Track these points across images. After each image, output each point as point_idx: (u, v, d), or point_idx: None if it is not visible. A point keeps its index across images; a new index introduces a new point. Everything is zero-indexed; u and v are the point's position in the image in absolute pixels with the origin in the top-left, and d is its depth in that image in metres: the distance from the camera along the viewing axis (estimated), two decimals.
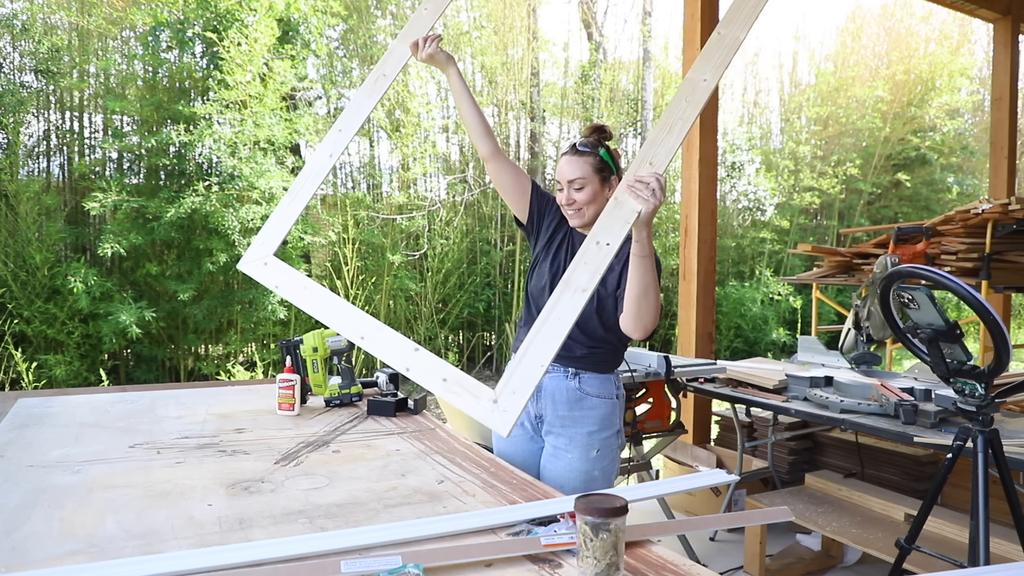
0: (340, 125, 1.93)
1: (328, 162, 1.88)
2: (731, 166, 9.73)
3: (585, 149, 1.82)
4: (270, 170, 6.02)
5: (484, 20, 8.55)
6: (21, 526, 1.26)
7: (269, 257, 1.72)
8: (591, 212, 1.81)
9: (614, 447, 1.87)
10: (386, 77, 1.95)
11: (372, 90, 1.95)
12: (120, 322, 5.46)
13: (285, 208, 1.83)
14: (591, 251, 1.51)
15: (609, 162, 1.84)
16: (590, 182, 1.81)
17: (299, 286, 1.71)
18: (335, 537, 1.22)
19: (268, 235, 1.81)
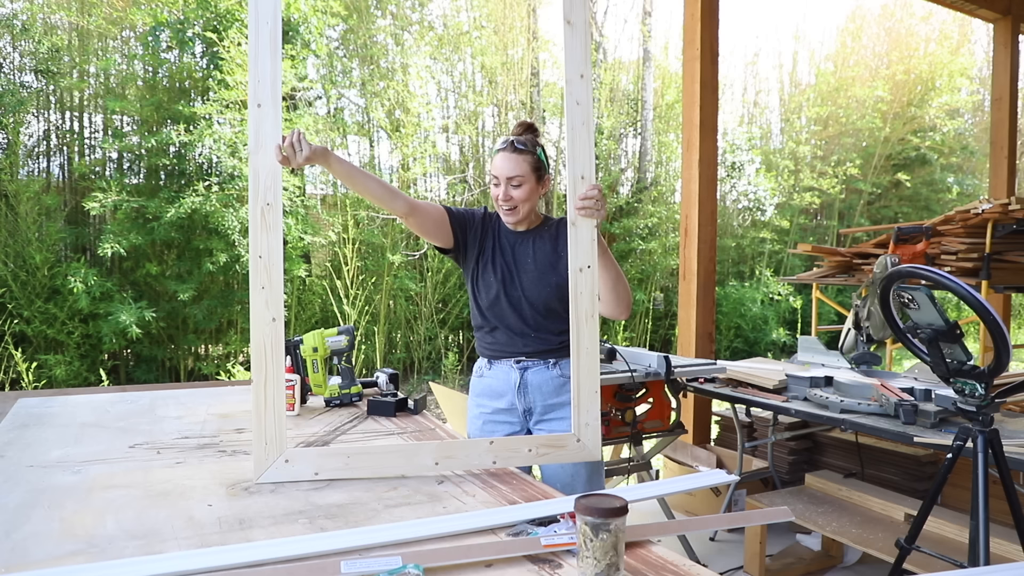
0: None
1: (276, 327, 1.44)
2: (731, 166, 9.73)
3: (523, 147, 1.84)
4: None
5: (484, 20, 8.55)
6: (21, 526, 1.26)
7: (289, 451, 1.44)
8: (525, 209, 1.87)
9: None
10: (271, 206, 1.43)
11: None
12: (120, 322, 5.46)
13: (264, 398, 1.43)
14: (581, 279, 1.64)
15: (544, 161, 1.88)
16: (527, 180, 1.85)
17: (341, 458, 1.46)
18: (335, 537, 1.22)
19: (267, 434, 1.43)
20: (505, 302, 1.92)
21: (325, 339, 2.24)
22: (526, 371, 1.92)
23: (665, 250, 8.77)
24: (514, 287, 1.92)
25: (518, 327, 1.91)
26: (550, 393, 1.90)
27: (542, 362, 1.91)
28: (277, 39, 1.41)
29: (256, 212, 1.34)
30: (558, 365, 1.90)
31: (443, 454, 1.52)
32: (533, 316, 1.90)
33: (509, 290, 1.92)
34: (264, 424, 1.40)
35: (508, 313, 1.92)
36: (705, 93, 3.91)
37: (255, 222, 1.34)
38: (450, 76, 8.53)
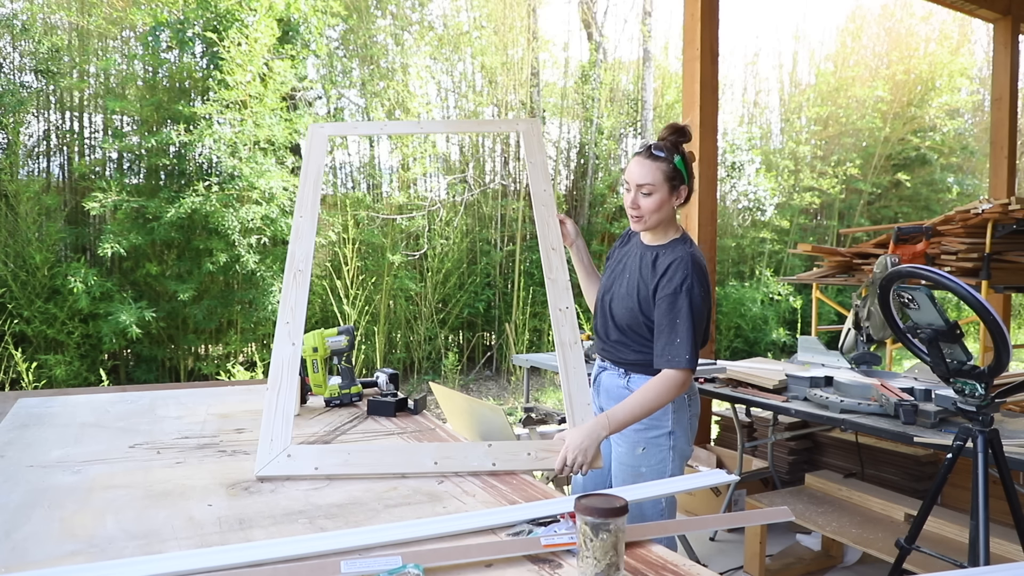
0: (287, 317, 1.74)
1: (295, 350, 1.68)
2: (731, 166, 9.72)
3: (660, 154, 1.76)
4: (270, 170, 6.02)
5: (484, 20, 8.55)
6: (21, 526, 1.26)
7: (292, 448, 1.48)
8: (654, 220, 1.80)
9: (664, 447, 1.86)
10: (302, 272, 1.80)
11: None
12: (120, 322, 5.46)
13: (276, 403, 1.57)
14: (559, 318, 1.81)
15: (682, 171, 1.79)
16: (659, 190, 1.77)
17: (341, 455, 1.49)
18: (335, 537, 1.22)
19: (274, 432, 1.52)
20: (598, 306, 1.96)
21: (325, 339, 2.24)
22: (602, 372, 1.95)
23: None
24: (608, 294, 1.92)
25: (602, 332, 1.94)
26: (614, 400, 1.87)
27: (616, 368, 1.91)
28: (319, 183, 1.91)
29: (290, 276, 1.72)
30: (628, 376, 1.89)
31: (442, 454, 1.53)
32: (612, 327, 1.90)
33: (604, 295, 1.94)
34: (272, 423, 1.48)
35: (597, 313, 1.97)
36: (705, 93, 3.91)
37: (288, 282, 1.72)
38: (450, 76, 8.53)
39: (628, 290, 1.86)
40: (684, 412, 1.89)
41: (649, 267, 1.83)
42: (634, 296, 1.83)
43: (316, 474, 1.40)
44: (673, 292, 1.74)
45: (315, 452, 1.47)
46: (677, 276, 1.75)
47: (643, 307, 1.81)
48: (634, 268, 1.87)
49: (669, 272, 1.77)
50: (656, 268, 1.80)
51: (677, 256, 1.78)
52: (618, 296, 1.88)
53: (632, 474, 1.84)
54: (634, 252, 1.91)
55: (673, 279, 1.75)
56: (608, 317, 1.91)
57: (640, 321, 1.82)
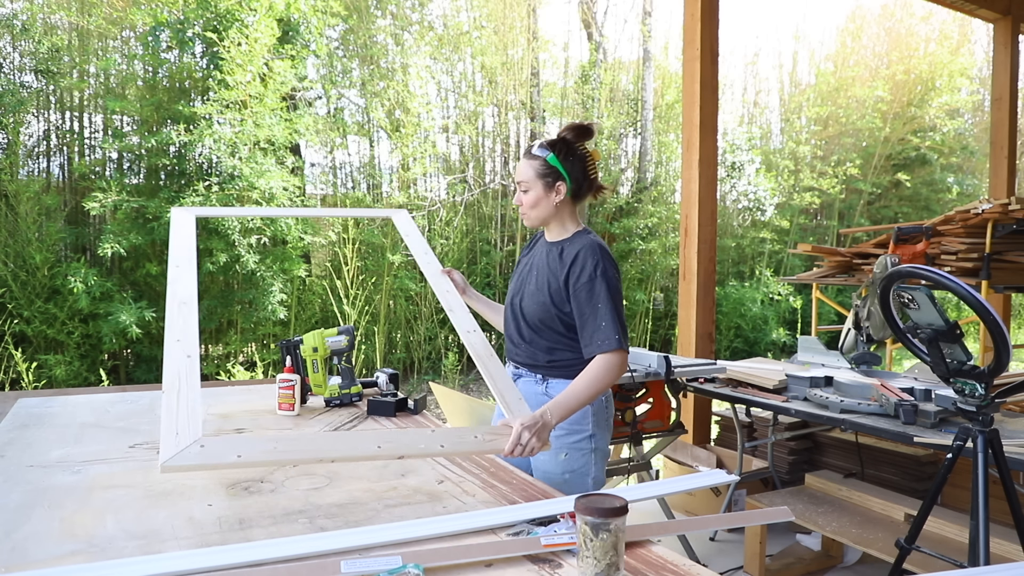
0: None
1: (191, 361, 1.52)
2: (731, 166, 9.72)
3: (536, 152, 1.81)
4: (270, 170, 6.02)
5: (484, 20, 8.55)
6: (21, 526, 1.26)
7: (205, 439, 1.31)
8: (534, 215, 1.85)
9: (586, 451, 1.84)
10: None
11: None
12: (120, 322, 5.46)
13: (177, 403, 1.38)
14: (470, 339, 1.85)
15: (557, 167, 1.80)
16: (533, 187, 1.82)
17: (268, 444, 1.35)
18: (335, 537, 1.22)
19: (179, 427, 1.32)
20: (508, 310, 1.96)
21: (325, 339, 2.24)
22: (518, 379, 1.92)
23: (665, 250, 8.77)
24: (518, 296, 1.92)
25: (513, 334, 1.94)
26: (534, 408, 1.79)
27: (532, 375, 1.89)
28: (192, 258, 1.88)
29: (174, 307, 1.65)
30: (546, 382, 1.86)
31: (386, 439, 1.44)
32: (525, 327, 1.89)
33: (513, 299, 1.94)
34: (176, 418, 1.32)
35: (508, 318, 1.95)
36: (705, 93, 3.91)
37: (173, 312, 1.63)
38: (450, 76, 8.54)
39: (538, 286, 1.85)
40: (603, 413, 1.88)
41: (556, 260, 1.83)
42: (545, 291, 1.82)
43: (239, 462, 1.28)
44: (588, 279, 1.75)
45: (236, 440, 1.36)
46: (588, 263, 1.76)
47: (555, 300, 1.81)
48: (541, 265, 1.88)
49: (579, 260, 1.77)
50: (563, 259, 1.81)
51: (582, 245, 1.80)
52: (528, 294, 1.88)
53: (556, 481, 1.79)
54: (539, 251, 1.93)
55: (585, 267, 1.76)
56: (520, 318, 1.89)
57: (553, 314, 1.81)
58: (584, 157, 1.83)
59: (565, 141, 1.82)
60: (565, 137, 1.83)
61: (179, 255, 1.84)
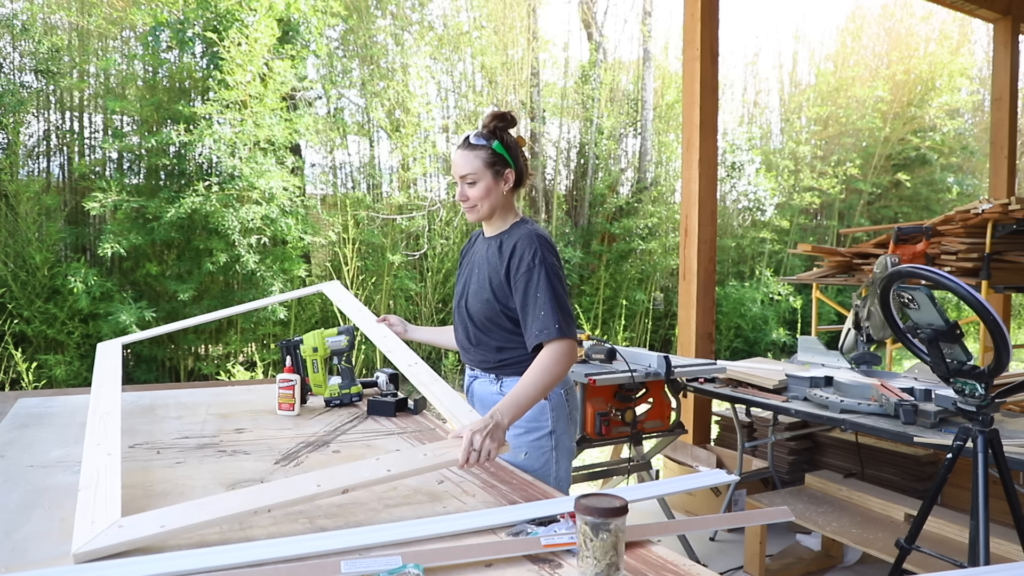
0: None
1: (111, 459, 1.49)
2: (731, 166, 9.73)
3: (478, 142, 1.75)
4: (270, 170, 6.02)
5: (484, 20, 8.55)
6: (21, 526, 1.26)
7: (122, 520, 1.22)
8: (486, 207, 1.78)
9: (546, 448, 1.79)
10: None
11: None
12: (120, 322, 5.46)
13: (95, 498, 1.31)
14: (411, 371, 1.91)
15: (503, 154, 1.75)
16: (482, 177, 1.75)
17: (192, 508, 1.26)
18: (335, 537, 1.22)
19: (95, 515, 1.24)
20: (456, 313, 1.92)
21: (325, 339, 2.24)
22: (473, 382, 1.91)
23: (665, 250, 8.77)
24: (463, 299, 1.87)
25: (462, 339, 1.90)
26: (488, 408, 1.75)
27: (485, 375, 1.87)
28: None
29: (96, 419, 1.67)
30: (500, 381, 1.83)
31: (326, 475, 1.36)
32: (472, 329, 1.84)
33: (459, 302, 1.89)
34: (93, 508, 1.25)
35: (457, 323, 1.91)
36: (705, 93, 3.91)
37: (94, 423, 1.65)
38: (450, 76, 8.54)
39: (480, 284, 1.81)
40: (563, 409, 1.83)
41: (496, 254, 1.79)
42: (487, 287, 1.78)
43: (163, 531, 1.17)
44: (527, 269, 1.71)
45: (158, 513, 1.24)
46: (527, 253, 1.72)
47: (498, 295, 1.76)
48: (481, 262, 1.84)
49: (517, 251, 1.73)
50: (503, 252, 1.77)
51: (520, 235, 1.76)
52: (472, 294, 1.83)
53: None
54: (479, 249, 1.88)
55: (524, 257, 1.72)
56: (467, 320, 1.85)
57: (497, 311, 1.77)
58: (517, 144, 1.80)
59: (501, 129, 1.77)
60: (496, 125, 1.77)
61: (103, 378, 1.89)
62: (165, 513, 1.23)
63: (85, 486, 1.31)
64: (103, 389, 1.80)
